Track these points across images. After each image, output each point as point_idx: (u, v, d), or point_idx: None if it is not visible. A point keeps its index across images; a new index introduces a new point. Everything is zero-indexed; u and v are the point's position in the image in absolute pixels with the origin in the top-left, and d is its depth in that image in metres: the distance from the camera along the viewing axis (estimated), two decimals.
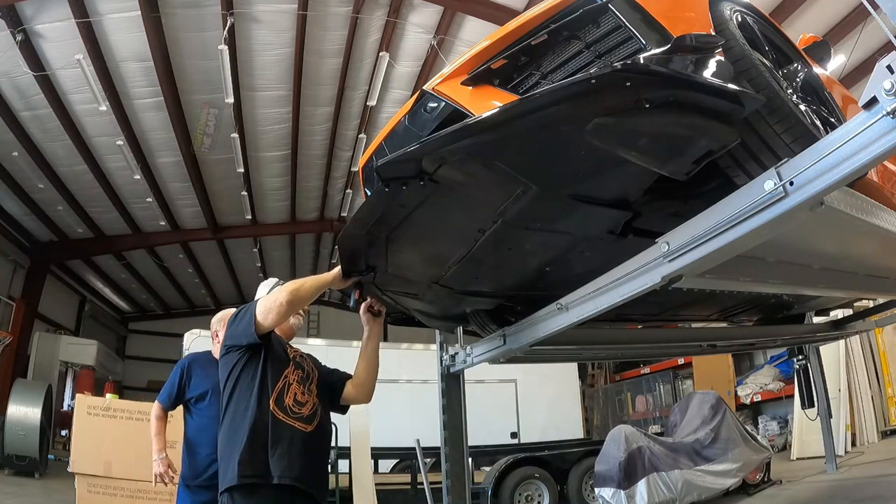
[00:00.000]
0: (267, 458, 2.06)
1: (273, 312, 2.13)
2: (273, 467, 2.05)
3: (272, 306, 2.14)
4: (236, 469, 2.01)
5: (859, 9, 6.93)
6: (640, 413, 12.13)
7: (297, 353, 2.39)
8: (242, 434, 2.07)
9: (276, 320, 2.15)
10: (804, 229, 1.88)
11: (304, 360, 2.39)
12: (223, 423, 2.18)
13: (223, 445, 2.13)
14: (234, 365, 2.19)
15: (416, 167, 1.76)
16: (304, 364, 2.37)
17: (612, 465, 5.45)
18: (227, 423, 2.15)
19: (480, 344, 3.19)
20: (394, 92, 9.41)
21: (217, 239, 13.75)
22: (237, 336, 2.19)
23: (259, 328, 2.14)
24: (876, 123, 1.37)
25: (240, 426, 2.10)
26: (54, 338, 13.54)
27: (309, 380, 2.33)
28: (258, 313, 2.14)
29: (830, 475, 5.98)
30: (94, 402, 6.45)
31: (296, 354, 2.38)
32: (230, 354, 2.22)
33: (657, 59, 1.57)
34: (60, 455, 9.88)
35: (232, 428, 2.12)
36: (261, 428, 2.08)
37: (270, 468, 2.05)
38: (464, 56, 1.94)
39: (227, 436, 2.13)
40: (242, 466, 2.02)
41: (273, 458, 2.06)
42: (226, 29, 7.47)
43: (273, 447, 2.07)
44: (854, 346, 7.67)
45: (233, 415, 2.14)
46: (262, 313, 2.14)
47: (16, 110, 8.62)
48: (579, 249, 2.32)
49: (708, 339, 4.25)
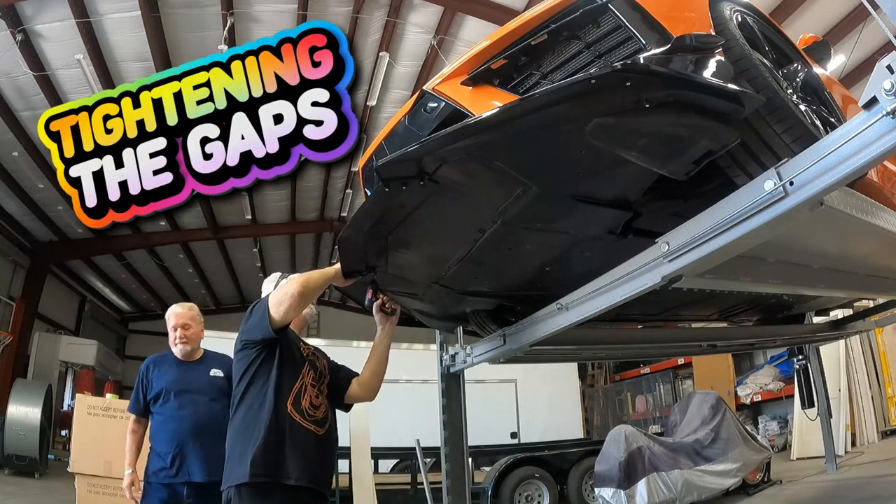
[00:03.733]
0: (282, 458, 2.06)
1: (285, 304, 2.12)
2: (290, 469, 2.06)
3: (283, 298, 2.13)
4: (248, 467, 2.01)
5: (859, 9, 6.93)
6: (640, 413, 12.13)
7: (310, 351, 2.40)
8: (257, 433, 2.07)
9: (288, 313, 2.15)
10: (804, 229, 1.88)
11: (316, 359, 2.40)
12: (233, 419, 2.18)
13: (233, 441, 2.14)
14: (250, 362, 2.19)
15: (416, 167, 1.76)
16: (318, 363, 2.38)
17: (612, 465, 5.45)
18: (240, 419, 2.15)
19: (480, 344, 3.19)
20: (394, 92, 9.40)
21: (217, 239, 13.74)
22: (251, 330, 2.20)
23: (273, 322, 2.14)
24: (876, 123, 1.37)
25: (253, 424, 2.10)
26: (54, 338, 13.54)
27: (321, 380, 2.34)
28: (271, 306, 2.14)
29: (830, 475, 5.98)
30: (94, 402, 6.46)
31: (309, 352, 2.38)
32: (245, 350, 2.22)
33: (657, 59, 1.57)
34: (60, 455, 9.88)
35: (244, 425, 2.12)
36: (277, 429, 2.08)
37: (287, 469, 2.06)
38: (464, 56, 1.94)
39: (239, 432, 2.13)
40: (255, 465, 2.02)
41: (290, 460, 2.07)
42: (226, 29, 7.47)
43: (291, 449, 2.08)
44: (854, 346, 7.67)
45: (246, 412, 2.14)
46: (274, 306, 2.14)
47: (16, 110, 8.61)
48: (579, 249, 2.32)
49: (708, 339, 4.25)
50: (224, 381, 3.18)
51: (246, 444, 2.07)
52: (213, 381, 3.21)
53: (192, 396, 3.14)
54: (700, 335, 4.41)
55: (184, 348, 3.25)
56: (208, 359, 3.35)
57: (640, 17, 1.70)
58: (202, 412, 3.09)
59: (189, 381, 3.19)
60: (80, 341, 14.43)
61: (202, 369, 3.26)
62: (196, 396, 3.15)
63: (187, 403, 3.12)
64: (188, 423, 3.07)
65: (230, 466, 2.10)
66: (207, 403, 3.13)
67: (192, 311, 3.36)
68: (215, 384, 3.20)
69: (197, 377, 3.22)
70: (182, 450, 3.03)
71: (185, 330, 3.26)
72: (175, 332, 3.26)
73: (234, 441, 2.14)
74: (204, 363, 3.30)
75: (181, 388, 3.16)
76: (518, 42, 1.83)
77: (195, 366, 3.28)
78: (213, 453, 2.94)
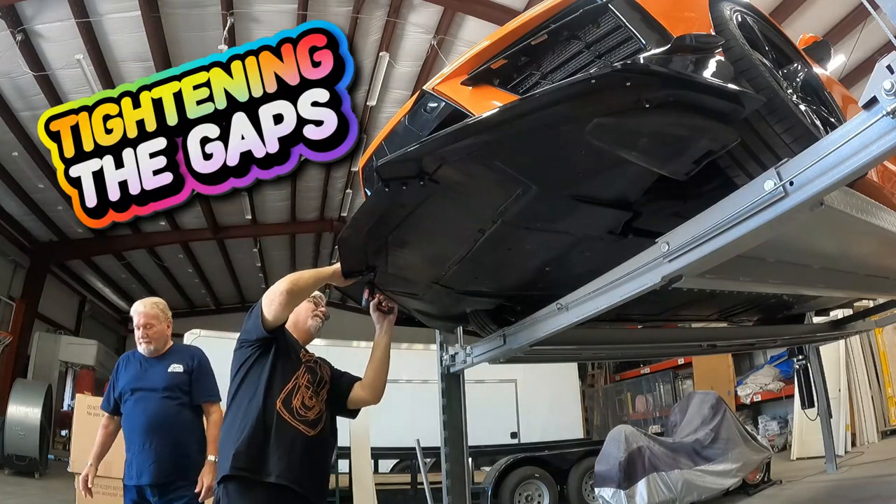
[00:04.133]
0: (265, 454, 2.07)
1: (276, 302, 2.15)
2: (272, 466, 2.06)
3: (273, 296, 2.16)
4: (230, 459, 2.04)
5: (859, 9, 6.92)
6: (640, 413, 12.13)
7: (310, 359, 2.40)
8: (243, 427, 2.09)
9: (279, 310, 2.16)
10: (804, 229, 1.88)
11: (318, 366, 2.40)
12: (226, 415, 2.21)
13: (223, 435, 2.18)
14: (244, 360, 2.22)
15: (416, 167, 1.76)
16: (318, 369, 2.38)
17: (612, 465, 5.45)
18: (231, 415, 2.18)
19: (480, 344, 3.19)
20: (394, 92, 9.40)
21: (217, 239, 13.74)
22: (248, 331, 2.24)
23: (265, 322, 2.17)
24: (876, 123, 1.37)
25: (241, 419, 2.12)
26: (54, 338, 13.53)
27: (320, 385, 2.34)
28: (263, 306, 2.18)
29: (830, 475, 5.98)
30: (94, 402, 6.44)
31: (309, 359, 2.38)
32: (242, 349, 2.25)
33: (657, 59, 1.57)
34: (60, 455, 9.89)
35: (232, 419, 2.15)
36: (263, 424, 2.10)
37: (269, 466, 2.06)
38: (464, 56, 1.94)
39: (227, 426, 2.17)
40: (237, 458, 2.04)
41: (273, 458, 2.07)
42: (226, 29, 7.47)
43: (275, 446, 2.09)
44: (854, 346, 7.67)
45: (236, 408, 2.17)
46: (266, 305, 2.18)
47: (16, 110, 8.61)
48: (579, 249, 2.31)
49: (708, 339, 4.25)
50: (183, 376, 3.12)
51: (230, 437, 2.10)
52: (170, 378, 3.10)
53: (144, 394, 3.06)
54: (700, 335, 4.41)
55: (147, 347, 3.16)
56: (171, 353, 3.22)
57: (640, 17, 1.70)
58: (152, 410, 3.02)
59: (145, 380, 3.09)
60: (80, 341, 14.43)
61: (161, 366, 3.14)
62: (148, 394, 3.05)
63: (140, 401, 3.05)
64: (139, 423, 3.01)
65: (219, 461, 2.15)
66: (159, 401, 3.03)
67: (156, 309, 3.24)
68: (173, 380, 3.10)
69: (154, 374, 3.11)
70: (135, 451, 2.99)
71: (146, 329, 3.15)
72: (139, 330, 3.16)
73: (223, 435, 2.18)
74: (165, 359, 3.18)
75: (136, 386, 3.08)
76: (518, 42, 1.83)
77: (156, 363, 3.15)
78: (163, 453, 2.95)
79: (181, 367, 3.15)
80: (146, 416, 3.01)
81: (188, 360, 3.18)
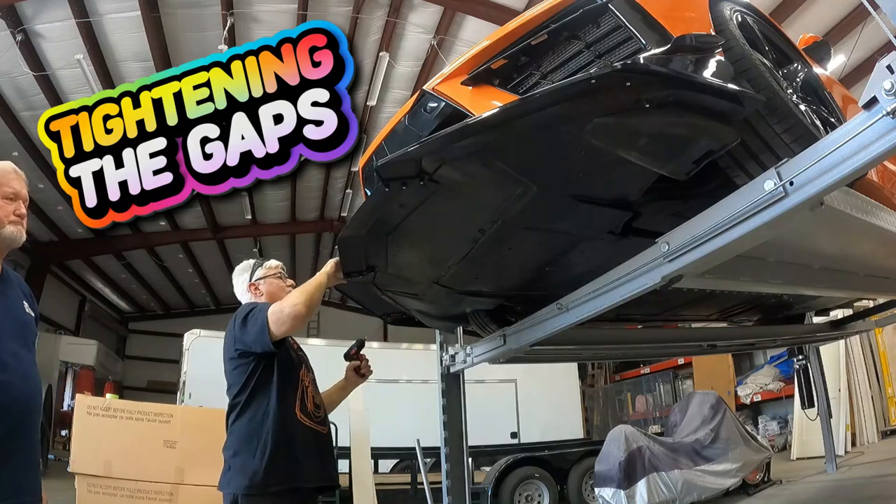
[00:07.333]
0: (296, 465, 2.07)
1: (287, 324, 2.04)
2: (308, 472, 2.09)
3: (286, 319, 2.04)
4: (261, 477, 1.99)
5: (859, 9, 6.92)
6: (640, 413, 12.12)
7: (297, 346, 2.38)
8: (264, 443, 2.04)
9: (291, 330, 2.10)
10: (804, 229, 1.88)
11: (300, 350, 2.39)
12: (235, 426, 2.13)
13: (237, 448, 2.09)
14: (249, 372, 2.14)
15: (415, 167, 1.76)
16: (302, 353, 2.38)
17: (612, 465, 5.45)
18: (243, 426, 2.11)
19: (480, 344, 3.19)
20: (394, 92, 9.40)
21: (217, 239, 13.74)
22: (249, 343, 2.12)
23: (273, 337, 2.06)
24: (876, 123, 1.37)
25: (258, 434, 2.07)
26: (54, 338, 13.51)
27: (311, 371, 2.35)
28: (272, 323, 2.04)
29: (830, 475, 5.97)
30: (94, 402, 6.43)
31: (297, 347, 2.37)
32: (242, 359, 2.15)
33: (657, 59, 1.57)
34: (60, 455, 9.88)
35: (248, 433, 2.08)
36: (286, 438, 2.07)
37: (305, 473, 2.08)
38: (464, 56, 1.94)
39: (242, 441, 2.08)
40: (269, 476, 2.00)
41: (307, 464, 2.10)
42: (226, 29, 7.47)
43: (304, 454, 2.10)
44: (854, 346, 7.66)
45: (249, 420, 2.10)
46: (276, 323, 2.04)
47: (16, 110, 8.61)
48: (579, 249, 2.32)
49: (708, 339, 4.25)
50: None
51: (251, 454, 2.04)
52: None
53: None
54: (700, 335, 4.42)
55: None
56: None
57: (640, 17, 1.70)
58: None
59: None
60: (80, 341, 14.42)
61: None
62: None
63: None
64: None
65: (232, 473, 2.06)
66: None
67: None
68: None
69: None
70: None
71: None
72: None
73: (237, 448, 2.09)
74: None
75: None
76: (518, 42, 1.83)
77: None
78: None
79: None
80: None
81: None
